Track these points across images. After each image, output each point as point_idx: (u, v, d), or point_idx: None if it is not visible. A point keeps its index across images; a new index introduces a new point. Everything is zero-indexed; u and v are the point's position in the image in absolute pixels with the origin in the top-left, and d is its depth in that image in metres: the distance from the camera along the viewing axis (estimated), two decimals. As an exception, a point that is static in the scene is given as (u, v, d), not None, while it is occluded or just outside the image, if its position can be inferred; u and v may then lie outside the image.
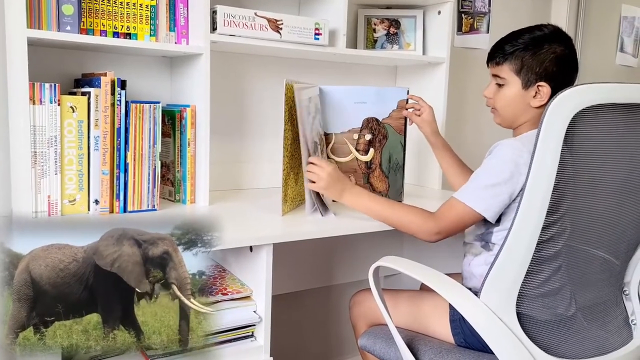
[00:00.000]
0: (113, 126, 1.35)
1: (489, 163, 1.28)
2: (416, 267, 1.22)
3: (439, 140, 1.67)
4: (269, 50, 1.69)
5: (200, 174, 1.51)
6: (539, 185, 1.06)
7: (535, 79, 1.31)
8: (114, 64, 1.58)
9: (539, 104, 1.33)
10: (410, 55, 1.93)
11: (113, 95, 1.34)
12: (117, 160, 1.36)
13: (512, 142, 1.27)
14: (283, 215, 1.42)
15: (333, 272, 2.04)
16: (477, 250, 1.36)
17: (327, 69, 1.96)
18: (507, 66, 1.34)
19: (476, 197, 1.28)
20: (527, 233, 1.09)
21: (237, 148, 1.82)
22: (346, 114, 1.57)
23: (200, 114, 1.50)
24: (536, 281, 1.16)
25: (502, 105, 1.38)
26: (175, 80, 1.65)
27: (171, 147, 1.55)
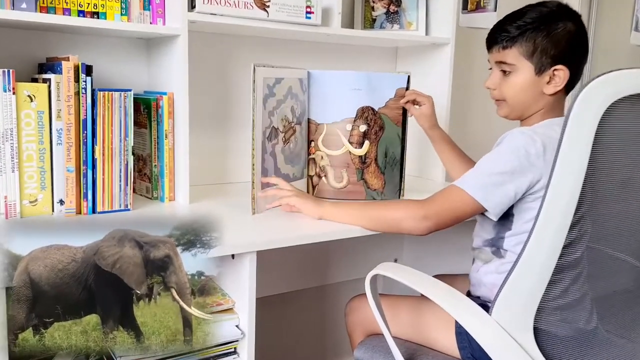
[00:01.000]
0: (78, 117, 1.20)
1: (496, 150, 1.16)
2: (417, 276, 1.09)
3: (437, 133, 1.52)
4: (254, 31, 1.53)
5: (180, 169, 1.37)
6: (565, 186, 0.92)
7: (550, 62, 1.17)
8: (84, 46, 1.43)
9: (554, 91, 1.19)
10: (412, 36, 1.77)
11: (77, 83, 1.19)
12: (84, 155, 1.22)
13: (524, 129, 1.14)
14: (253, 214, 1.27)
15: (327, 271, 1.91)
16: (487, 256, 1.22)
17: (319, 52, 1.80)
18: (516, 50, 1.19)
19: (476, 183, 1.14)
20: (550, 238, 0.96)
21: (221, 139, 1.67)
22: (339, 102, 1.41)
23: (179, 102, 1.35)
24: (555, 292, 1.02)
25: (512, 95, 1.23)
26: (152, 65, 1.50)
27: (148, 139, 1.40)
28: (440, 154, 1.55)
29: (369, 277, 1.14)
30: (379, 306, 1.17)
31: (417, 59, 1.89)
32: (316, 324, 2.02)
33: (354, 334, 1.40)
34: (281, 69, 1.34)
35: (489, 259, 1.22)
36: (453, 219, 1.19)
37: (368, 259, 1.98)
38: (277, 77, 1.32)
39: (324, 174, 1.45)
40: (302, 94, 1.42)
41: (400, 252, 2.07)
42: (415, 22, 1.79)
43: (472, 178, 1.16)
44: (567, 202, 0.92)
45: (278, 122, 1.35)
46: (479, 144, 2.19)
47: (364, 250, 1.96)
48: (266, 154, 1.31)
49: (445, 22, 1.78)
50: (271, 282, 1.75)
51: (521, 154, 1.10)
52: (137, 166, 1.46)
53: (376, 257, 2.00)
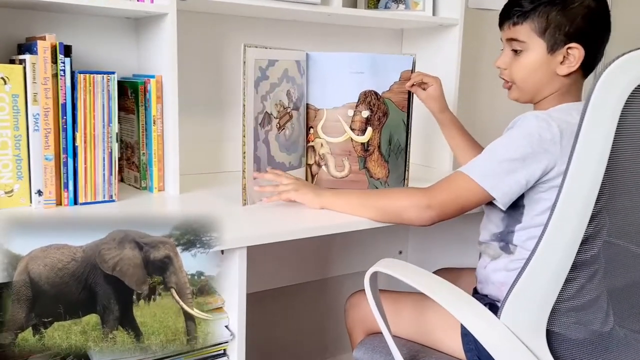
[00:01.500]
0: (57, 101, 1.12)
1: (508, 134, 1.07)
2: (419, 274, 1.01)
3: (447, 116, 1.42)
4: (249, 10, 1.44)
5: (169, 157, 1.29)
6: (584, 176, 0.84)
7: (564, 40, 1.09)
8: (69, 26, 1.35)
9: (568, 71, 1.10)
10: (419, 16, 1.67)
11: (55, 64, 1.10)
12: (64, 142, 1.14)
13: (539, 113, 1.05)
14: (244, 205, 1.19)
15: (328, 263, 1.83)
16: (495, 252, 1.13)
17: (320, 33, 1.70)
18: (527, 26, 1.11)
19: (484, 170, 1.06)
20: (568, 233, 0.87)
21: (214, 125, 1.58)
22: (340, 86, 1.32)
23: (167, 86, 1.27)
24: (571, 291, 0.94)
25: (522, 77, 1.14)
26: (142, 47, 1.41)
27: (135, 125, 1.32)
28: (450, 140, 1.45)
29: (369, 274, 1.06)
30: (379, 304, 1.09)
31: (423, 41, 1.79)
32: (316, 320, 1.95)
33: (354, 332, 1.33)
34: (276, 50, 1.25)
35: (497, 255, 1.13)
36: (458, 209, 1.10)
37: (371, 251, 1.90)
38: (270, 58, 1.24)
39: (324, 163, 1.36)
40: (299, 78, 1.33)
41: (405, 244, 1.98)
42: (422, 2, 1.69)
43: (480, 164, 1.08)
44: (586, 194, 0.84)
45: (272, 107, 1.26)
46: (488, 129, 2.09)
47: (367, 242, 1.88)
48: (259, 141, 1.23)
49: (454, 2, 1.68)
50: (267, 276, 1.67)
51: (534, 139, 1.02)
52: (125, 154, 1.38)
53: (380, 249, 1.92)
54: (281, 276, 1.74)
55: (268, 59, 1.23)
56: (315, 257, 1.82)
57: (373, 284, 1.08)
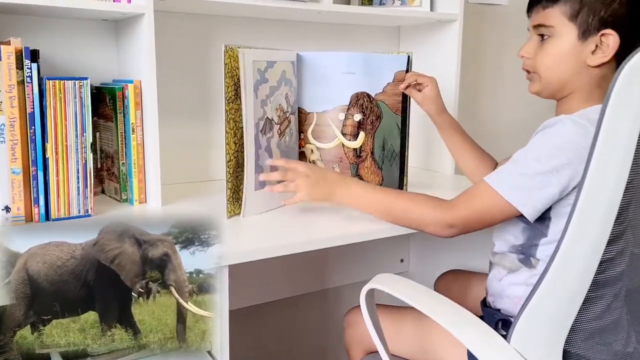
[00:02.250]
0: (24, 110, 1.04)
1: (541, 141, 0.96)
2: (419, 292, 0.92)
3: (446, 119, 1.32)
4: (234, 9, 1.36)
5: (150, 167, 1.21)
6: (605, 180, 0.75)
7: (598, 25, 0.97)
8: (42, 29, 1.27)
9: (600, 62, 0.98)
10: (415, 12, 1.58)
11: (21, 70, 1.02)
12: (33, 154, 1.06)
13: (576, 117, 0.94)
14: (229, 217, 1.11)
15: (326, 274, 1.75)
16: (514, 264, 1.04)
17: (311, 33, 1.61)
18: (558, 9, 1.00)
19: (514, 185, 0.96)
20: (587, 246, 0.79)
21: (202, 131, 1.50)
22: (330, 88, 1.23)
23: (147, 91, 1.19)
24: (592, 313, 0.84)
25: (547, 65, 1.03)
26: (122, 50, 1.33)
27: (114, 133, 1.24)
28: (449, 144, 1.36)
29: (364, 291, 0.98)
30: (376, 323, 1.00)
31: (421, 39, 1.71)
32: (314, 334, 1.86)
33: (352, 351, 1.24)
34: (272, 51, 1.17)
35: (515, 268, 1.03)
36: (483, 225, 1.02)
37: (372, 260, 1.81)
38: (268, 60, 1.15)
39: (315, 170, 1.28)
40: (294, 80, 1.24)
41: (406, 252, 1.90)
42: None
43: (509, 177, 0.97)
44: (607, 202, 0.75)
45: (272, 112, 1.17)
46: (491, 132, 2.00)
47: (368, 250, 1.79)
48: (260, 149, 1.14)
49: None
50: (260, 288, 1.59)
51: (571, 148, 0.91)
52: (105, 164, 1.30)
53: (381, 258, 1.84)
54: (276, 288, 1.65)
55: (266, 60, 1.14)
56: (313, 267, 1.73)
57: (369, 301, 1.00)
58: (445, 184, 1.55)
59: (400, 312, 1.18)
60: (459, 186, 1.53)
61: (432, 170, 1.70)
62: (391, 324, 1.14)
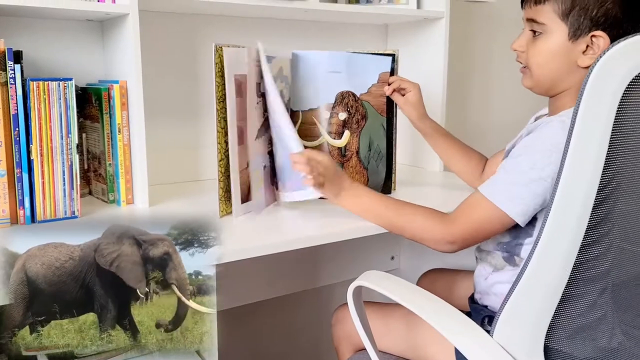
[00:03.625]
0: (7, 112, 1.03)
1: (532, 145, 0.95)
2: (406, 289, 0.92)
3: (428, 124, 1.32)
4: (220, 8, 1.36)
5: (137, 168, 1.20)
6: (579, 177, 0.76)
7: (590, 25, 0.95)
8: (24, 30, 1.26)
9: (590, 63, 0.94)
10: (402, 10, 1.59)
11: (4, 72, 1.02)
12: (17, 156, 1.05)
13: (563, 119, 0.92)
14: (221, 217, 1.11)
15: (317, 272, 1.75)
16: (498, 262, 1.04)
17: (298, 31, 1.61)
18: (550, 7, 0.98)
19: (510, 195, 0.95)
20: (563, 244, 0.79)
21: (190, 130, 1.50)
22: (316, 86, 1.23)
23: (132, 91, 1.18)
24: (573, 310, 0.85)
25: (538, 63, 1.01)
26: (107, 51, 1.33)
27: (100, 134, 1.23)
28: (435, 148, 1.35)
29: (351, 288, 0.98)
30: (363, 320, 1.00)
31: (409, 37, 1.71)
32: (305, 333, 1.86)
33: (341, 349, 1.25)
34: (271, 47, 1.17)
35: (500, 266, 1.04)
36: (484, 237, 1.02)
37: (363, 257, 1.81)
38: (268, 55, 1.15)
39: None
40: (290, 78, 1.24)
41: (397, 249, 1.90)
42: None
43: (505, 187, 0.96)
44: (582, 197, 0.76)
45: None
46: (479, 130, 2.01)
47: (359, 248, 1.79)
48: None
49: (439, -6, 1.60)
50: (250, 288, 1.58)
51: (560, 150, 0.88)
52: (92, 165, 1.29)
53: (372, 255, 1.84)
54: (267, 287, 1.65)
55: (267, 55, 1.14)
56: (304, 265, 1.73)
57: (357, 298, 1.00)
58: (434, 181, 1.56)
59: (388, 308, 1.18)
60: (447, 183, 1.54)
61: (420, 167, 1.71)
62: (379, 321, 1.14)
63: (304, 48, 1.59)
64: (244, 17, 1.51)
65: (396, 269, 1.90)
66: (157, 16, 1.38)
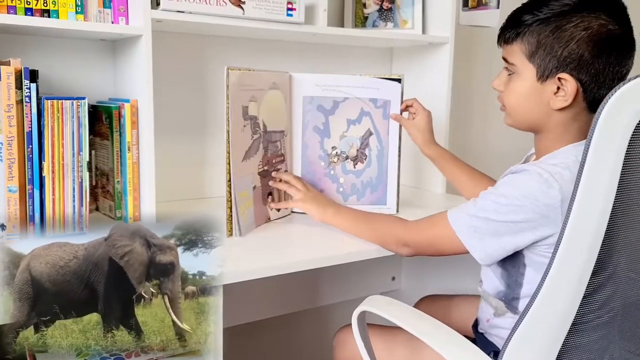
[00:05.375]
0: (22, 129, 1.05)
1: (504, 189, 0.94)
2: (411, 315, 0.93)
3: (436, 151, 1.35)
4: (229, 31, 1.38)
5: (145, 186, 1.22)
6: (585, 227, 0.76)
7: (556, 66, 0.92)
8: (39, 49, 1.29)
9: (562, 105, 0.93)
10: (408, 35, 1.62)
11: (20, 90, 1.04)
12: (29, 173, 1.07)
13: (541, 172, 0.90)
14: (228, 236, 1.12)
15: (319, 291, 1.76)
16: (501, 309, 1.04)
17: (305, 53, 1.64)
18: (518, 47, 0.96)
19: (468, 225, 0.96)
20: (564, 296, 0.80)
21: (198, 149, 1.52)
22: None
23: (143, 110, 1.20)
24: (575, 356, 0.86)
25: (512, 105, 1.00)
26: (118, 70, 1.35)
27: (110, 151, 1.25)
28: (444, 173, 1.38)
29: (356, 314, 0.99)
30: (367, 345, 1.01)
31: (413, 61, 1.74)
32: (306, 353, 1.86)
33: (343, 371, 1.25)
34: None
35: (501, 312, 1.04)
36: (434, 253, 1.06)
37: (363, 277, 1.82)
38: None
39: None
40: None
41: (398, 270, 1.91)
42: (411, 20, 1.64)
43: (466, 217, 0.97)
44: (588, 248, 0.76)
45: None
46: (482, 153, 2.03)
47: (359, 268, 1.80)
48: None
49: (444, 19, 1.62)
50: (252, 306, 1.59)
51: (528, 204, 0.89)
52: (100, 182, 1.31)
53: (372, 276, 1.85)
54: (268, 306, 1.66)
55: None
56: (305, 284, 1.74)
57: (361, 323, 1.01)
58: (436, 203, 1.57)
59: (391, 332, 1.18)
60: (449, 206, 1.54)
61: (423, 188, 1.72)
62: (383, 345, 1.15)
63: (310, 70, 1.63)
64: (251, 39, 1.54)
65: (397, 289, 1.91)
66: (166, 36, 1.40)
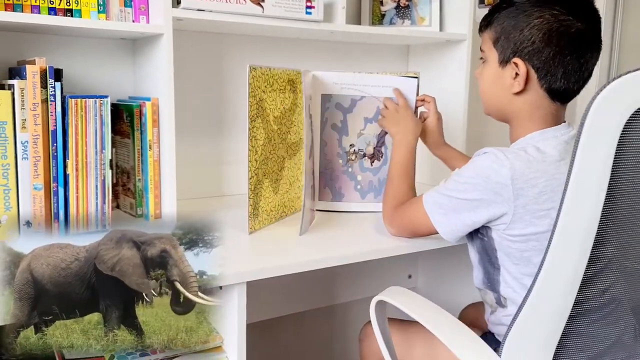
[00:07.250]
0: (47, 128, 1.07)
1: (465, 169, 1.01)
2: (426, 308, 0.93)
3: (445, 152, 1.36)
4: (249, 29, 1.39)
5: (166, 183, 1.23)
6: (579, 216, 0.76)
7: (513, 52, 0.99)
8: (61, 48, 1.30)
9: (517, 90, 1.00)
10: (425, 32, 1.61)
11: (45, 89, 1.05)
12: (54, 170, 1.08)
13: (497, 152, 0.96)
14: (250, 233, 1.13)
15: (336, 289, 1.76)
16: (492, 304, 1.06)
17: (323, 51, 1.64)
18: (487, 34, 1.04)
19: (436, 203, 1.03)
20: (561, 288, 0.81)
21: (217, 147, 1.53)
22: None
23: (164, 109, 1.21)
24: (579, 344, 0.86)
25: (482, 90, 1.08)
26: (139, 68, 1.36)
27: (131, 150, 1.26)
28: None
29: (374, 302, 0.99)
30: (385, 335, 1.02)
31: (430, 58, 1.73)
32: (324, 349, 1.86)
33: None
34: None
35: (494, 308, 1.06)
36: (413, 234, 1.11)
37: (380, 275, 1.82)
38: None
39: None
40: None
41: (415, 268, 1.91)
42: (428, 17, 1.64)
43: (435, 195, 1.04)
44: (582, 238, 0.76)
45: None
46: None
47: (376, 266, 1.80)
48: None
49: (461, 17, 1.62)
50: (271, 303, 1.60)
51: (483, 181, 0.95)
52: (120, 180, 1.32)
53: (389, 274, 1.85)
54: (286, 303, 1.67)
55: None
56: (323, 282, 1.75)
57: (380, 313, 1.01)
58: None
59: (411, 326, 1.19)
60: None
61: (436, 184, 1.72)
62: (403, 338, 1.15)
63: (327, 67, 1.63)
64: (270, 37, 1.54)
65: (413, 287, 1.91)
66: (185, 35, 1.41)
